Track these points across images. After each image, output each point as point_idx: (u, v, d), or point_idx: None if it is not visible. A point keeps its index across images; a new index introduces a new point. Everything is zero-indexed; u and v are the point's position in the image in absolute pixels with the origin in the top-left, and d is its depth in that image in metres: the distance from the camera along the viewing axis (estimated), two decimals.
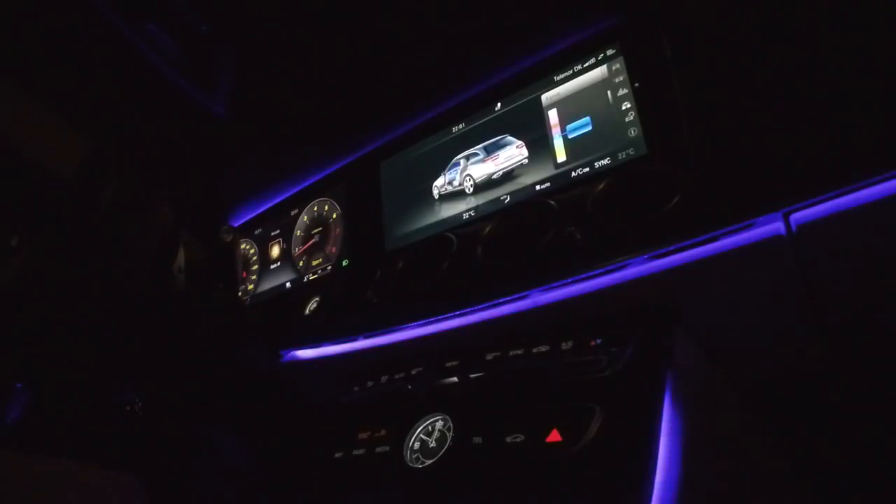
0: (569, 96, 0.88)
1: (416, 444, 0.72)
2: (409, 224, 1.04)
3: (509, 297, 0.79)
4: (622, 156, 0.80)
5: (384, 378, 0.90)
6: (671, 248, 0.66)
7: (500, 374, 0.75)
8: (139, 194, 0.73)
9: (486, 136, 0.97)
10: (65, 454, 0.73)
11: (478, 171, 0.96)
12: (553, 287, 0.75)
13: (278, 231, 1.28)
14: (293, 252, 1.23)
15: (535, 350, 0.73)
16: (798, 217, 0.60)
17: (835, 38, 0.61)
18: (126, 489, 0.72)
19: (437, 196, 1.01)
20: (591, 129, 0.85)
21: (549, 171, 0.88)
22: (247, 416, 1.05)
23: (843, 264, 0.62)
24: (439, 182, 1.01)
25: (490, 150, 0.96)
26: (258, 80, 0.97)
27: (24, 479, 0.65)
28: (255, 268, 1.31)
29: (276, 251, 1.27)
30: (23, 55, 0.66)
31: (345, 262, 1.11)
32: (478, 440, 0.66)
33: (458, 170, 0.99)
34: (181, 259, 0.82)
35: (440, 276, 0.88)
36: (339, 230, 1.15)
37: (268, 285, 1.26)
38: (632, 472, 0.53)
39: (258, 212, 1.34)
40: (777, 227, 0.61)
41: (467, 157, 0.98)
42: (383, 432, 0.78)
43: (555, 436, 0.60)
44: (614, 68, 0.84)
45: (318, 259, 1.17)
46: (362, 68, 0.98)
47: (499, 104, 0.97)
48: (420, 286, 0.91)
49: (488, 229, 0.87)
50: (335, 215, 1.17)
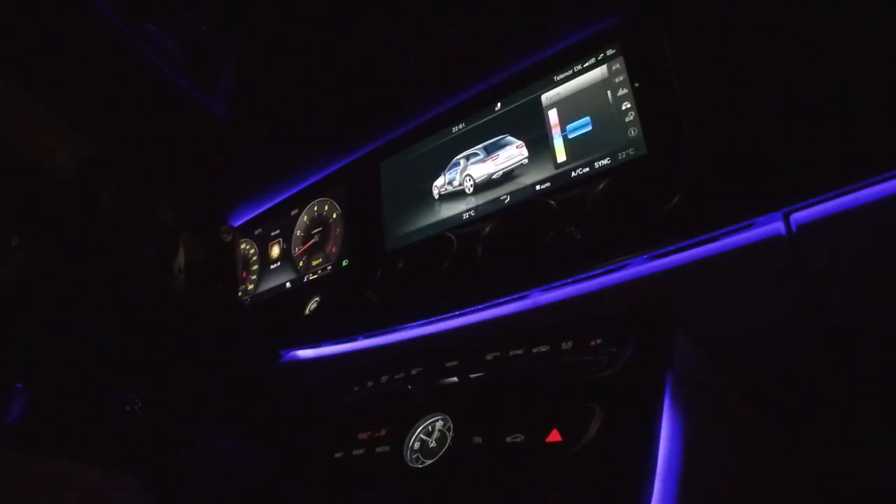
0: (569, 96, 0.88)
1: (416, 444, 0.72)
2: (409, 224, 1.04)
3: (509, 297, 0.79)
4: (622, 156, 0.80)
5: (384, 378, 0.90)
6: (671, 248, 0.66)
7: (500, 374, 0.75)
8: (139, 195, 0.73)
9: (486, 136, 0.97)
10: (65, 454, 0.73)
11: (478, 171, 0.96)
12: (553, 287, 0.75)
13: (278, 231, 1.28)
14: (293, 252, 1.23)
15: (535, 350, 0.73)
16: (798, 217, 0.60)
17: (835, 38, 0.61)
18: (126, 489, 0.72)
19: (437, 196, 1.01)
20: (591, 129, 0.85)
21: (549, 171, 0.88)
22: (247, 417, 1.05)
23: (843, 264, 0.62)
24: (439, 182, 1.01)
25: (490, 150, 0.96)
26: (258, 80, 0.97)
27: (24, 479, 0.65)
28: (255, 268, 1.31)
29: (276, 251, 1.27)
30: (23, 55, 0.66)
31: (345, 262, 1.11)
32: (478, 440, 0.66)
33: (458, 170, 0.99)
34: (181, 259, 0.82)
35: (440, 276, 0.88)
36: (339, 230, 1.15)
37: (268, 285, 1.26)
38: (632, 472, 0.53)
39: (258, 212, 1.34)
40: (777, 227, 0.61)
41: (467, 157, 0.98)
42: (383, 432, 0.78)
43: (555, 436, 0.60)
44: (614, 68, 0.84)
45: (318, 259, 1.17)
46: (362, 68, 0.98)
47: (499, 104, 0.97)
48: (420, 286, 0.91)
49: (488, 229, 0.87)
50: (335, 215, 1.17)
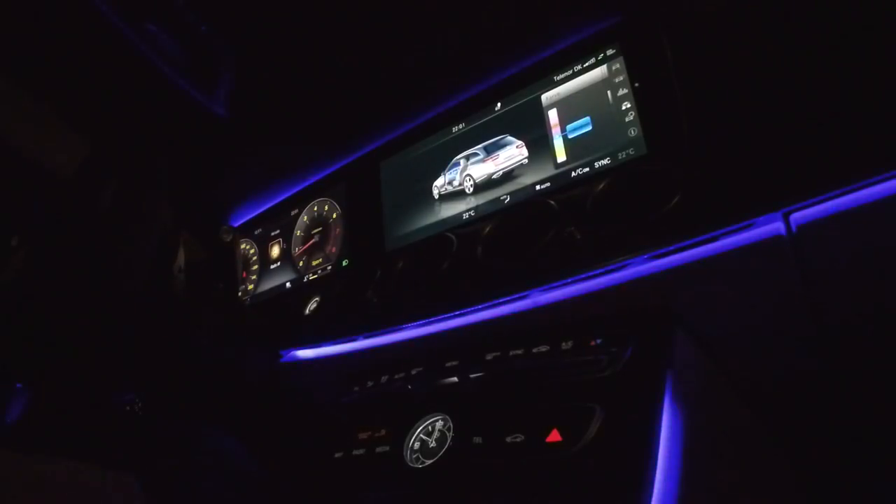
0: (569, 96, 0.88)
1: (417, 444, 0.72)
2: (409, 224, 1.04)
3: (509, 297, 0.79)
4: (622, 156, 0.80)
5: (384, 378, 0.90)
6: (671, 248, 0.66)
7: (500, 374, 0.75)
8: (139, 194, 0.73)
9: (486, 136, 0.97)
10: (65, 454, 0.73)
11: (478, 171, 0.96)
12: (553, 287, 0.75)
13: (278, 231, 1.28)
14: (293, 252, 1.23)
15: (535, 350, 0.73)
16: (798, 217, 0.60)
17: (835, 38, 0.61)
18: (126, 489, 0.72)
19: (437, 196, 1.01)
20: (591, 129, 0.85)
21: (549, 171, 0.88)
22: (247, 417, 1.05)
23: (843, 264, 0.62)
24: (439, 182, 1.01)
25: (490, 150, 0.96)
26: (258, 80, 0.97)
27: (24, 479, 0.65)
28: (255, 268, 1.31)
29: (276, 251, 1.27)
30: (23, 55, 0.66)
31: (345, 262, 1.11)
32: (478, 440, 0.66)
33: (458, 170, 0.99)
34: (181, 259, 0.83)
35: (440, 276, 0.88)
36: (339, 230, 1.15)
37: (268, 285, 1.26)
38: (632, 472, 0.53)
39: (258, 212, 1.34)
40: (777, 227, 0.61)
41: (467, 157, 0.98)
42: (383, 432, 0.78)
43: (555, 436, 0.60)
44: (614, 68, 0.84)
45: (318, 259, 1.17)
46: (362, 68, 0.98)
47: (499, 104, 0.97)
48: (420, 286, 0.91)
49: (488, 229, 0.87)
50: (335, 215, 1.17)
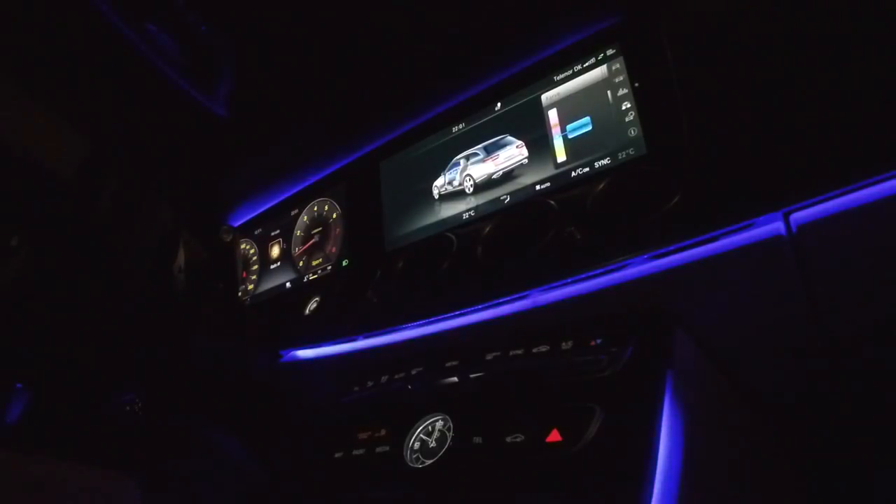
0: (569, 96, 0.88)
1: (417, 444, 0.72)
2: (409, 224, 1.04)
3: (509, 297, 0.79)
4: (622, 156, 0.80)
5: (384, 378, 0.90)
6: (671, 247, 0.66)
7: (500, 374, 0.75)
8: (139, 195, 0.73)
9: (486, 136, 0.97)
10: (65, 454, 0.73)
11: (478, 171, 0.96)
12: (553, 287, 0.75)
13: (278, 231, 1.28)
14: (293, 252, 1.23)
15: (535, 350, 0.73)
16: (798, 217, 0.60)
17: (835, 38, 0.61)
18: (126, 489, 0.72)
19: (437, 196, 1.01)
20: (591, 129, 0.85)
21: (549, 171, 0.87)
22: (247, 416, 1.05)
23: (843, 264, 0.62)
24: (439, 182, 1.01)
25: (490, 150, 0.96)
26: (258, 80, 0.97)
27: (24, 479, 0.64)
28: (255, 268, 1.31)
29: (276, 251, 1.27)
30: (23, 55, 0.66)
31: (345, 262, 1.11)
32: (478, 440, 0.66)
33: (458, 170, 0.99)
34: (181, 259, 0.83)
35: (440, 276, 0.88)
36: (339, 230, 1.15)
37: (268, 285, 1.26)
38: (632, 472, 0.53)
39: (258, 212, 1.34)
40: (777, 227, 0.61)
41: (467, 157, 0.98)
42: (383, 432, 0.78)
43: (555, 436, 0.60)
44: (614, 68, 0.84)
45: (318, 259, 1.17)
46: (362, 68, 0.98)
47: (499, 104, 0.97)
48: (420, 286, 0.91)
49: (488, 229, 0.87)
50: (335, 215, 1.17)
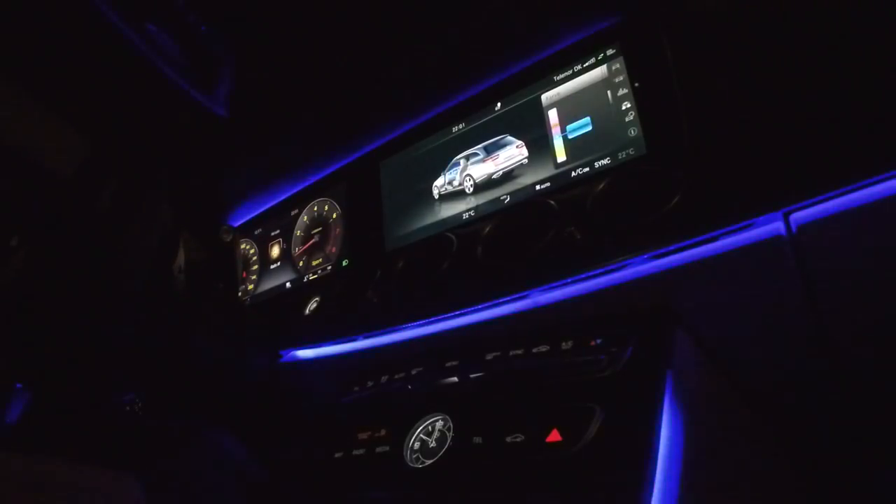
0: (569, 96, 0.88)
1: (416, 444, 0.72)
2: (409, 224, 1.04)
3: (509, 297, 0.79)
4: (622, 156, 0.80)
5: (384, 378, 0.90)
6: (671, 248, 0.66)
7: (500, 374, 0.75)
8: (139, 194, 0.73)
9: (486, 136, 0.97)
10: (65, 454, 0.73)
11: (478, 171, 0.96)
12: (553, 287, 0.75)
13: (278, 231, 1.28)
14: (293, 252, 1.23)
15: (535, 350, 0.73)
16: (798, 217, 0.60)
17: (835, 38, 0.61)
18: (126, 489, 0.72)
19: (437, 196, 1.01)
20: (591, 129, 0.85)
21: (549, 171, 0.88)
22: (247, 416, 1.05)
23: (843, 264, 0.62)
24: (439, 182, 1.01)
25: (490, 150, 0.96)
26: (258, 80, 0.97)
27: (24, 479, 0.64)
28: (255, 268, 1.31)
29: (276, 251, 1.27)
30: (23, 55, 0.66)
31: (345, 262, 1.11)
32: (478, 440, 0.66)
33: (458, 170, 0.99)
34: (181, 259, 0.83)
35: (440, 276, 0.88)
36: (339, 230, 1.15)
37: (268, 285, 1.26)
38: (632, 472, 0.53)
39: (258, 212, 1.34)
40: (777, 227, 0.61)
41: (467, 157, 0.98)
42: (383, 432, 0.78)
43: (555, 436, 0.60)
44: (614, 68, 0.84)
45: (318, 259, 1.17)
46: (362, 68, 0.98)
47: (499, 104, 0.97)
48: (420, 286, 0.91)
49: (488, 229, 0.87)
50: (335, 215, 1.17)
